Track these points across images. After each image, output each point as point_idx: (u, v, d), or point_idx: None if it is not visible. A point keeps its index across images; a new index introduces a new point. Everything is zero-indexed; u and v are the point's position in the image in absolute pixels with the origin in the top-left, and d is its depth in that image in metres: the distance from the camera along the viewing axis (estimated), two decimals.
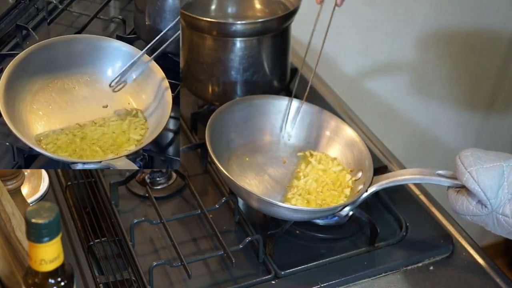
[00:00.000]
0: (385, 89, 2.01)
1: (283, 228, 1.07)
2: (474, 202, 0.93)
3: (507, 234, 0.94)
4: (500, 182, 0.91)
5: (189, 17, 1.25)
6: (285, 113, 1.20)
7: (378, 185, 1.06)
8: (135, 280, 0.99)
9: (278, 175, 1.15)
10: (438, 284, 1.02)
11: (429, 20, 1.94)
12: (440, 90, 2.10)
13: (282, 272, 1.02)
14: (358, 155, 1.14)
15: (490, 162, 0.92)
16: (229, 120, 1.17)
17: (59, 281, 0.75)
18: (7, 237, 0.90)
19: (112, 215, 1.10)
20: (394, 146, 1.42)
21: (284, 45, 1.31)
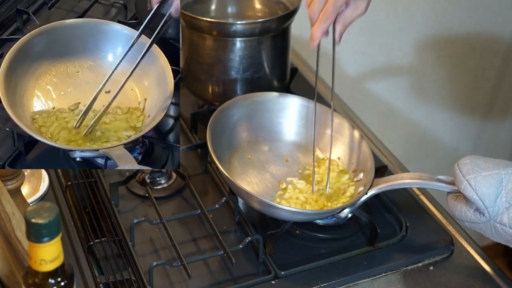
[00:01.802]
0: (385, 89, 2.01)
1: (283, 228, 1.07)
2: (472, 210, 0.93)
3: (506, 242, 0.93)
4: (498, 190, 0.90)
5: (189, 17, 1.25)
6: (289, 112, 1.20)
7: (377, 188, 1.06)
8: (135, 280, 0.99)
9: (280, 173, 1.15)
10: (438, 284, 1.02)
11: (429, 20, 1.94)
12: (440, 90, 2.10)
13: (282, 272, 1.02)
14: (360, 156, 1.14)
15: (488, 170, 0.91)
16: (231, 117, 1.17)
17: (59, 281, 0.75)
18: (7, 237, 0.90)
19: (112, 215, 1.10)
20: (394, 146, 1.42)
21: (284, 45, 1.31)
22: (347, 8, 1.05)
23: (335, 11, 1.03)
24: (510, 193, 0.90)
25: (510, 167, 0.92)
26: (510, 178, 0.90)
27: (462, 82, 2.11)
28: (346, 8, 1.05)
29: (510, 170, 0.91)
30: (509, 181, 0.90)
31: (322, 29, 1.04)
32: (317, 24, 1.04)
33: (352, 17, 1.06)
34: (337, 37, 1.07)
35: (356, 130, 1.17)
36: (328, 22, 1.04)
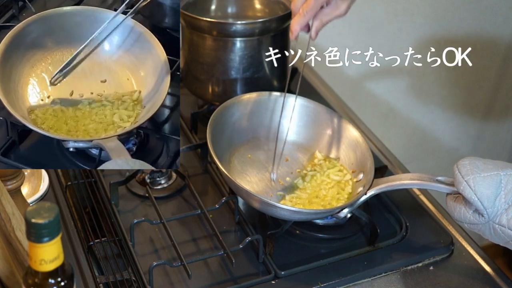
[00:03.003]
0: (385, 89, 2.01)
1: (283, 228, 1.07)
2: (471, 211, 0.93)
3: (504, 243, 0.93)
4: (497, 191, 0.90)
5: (189, 17, 1.25)
6: (288, 110, 1.20)
7: (377, 189, 1.06)
8: (135, 280, 0.99)
9: (279, 173, 1.15)
10: (438, 284, 1.02)
11: (429, 20, 1.94)
12: (439, 90, 2.10)
13: (282, 272, 1.02)
14: (360, 156, 1.14)
15: (487, 171, 0.91)
16: (231, 116, 1.17)
17: (59, 281, 0.75)
18: (7, 237, 0.90)
19: (112, 215, 1.10)
20: (394, 146, 1.42)
21: (284, 45, 1.31)
22: (328, 6, 1.08)
23: (315, 7, 1.06)
24: (509, 194, 0.90)
25: (509, 168, 0.92)
26: (509, 179, 0.90)
27: (462, 82, 2.11)
28: (327, 6, 1.08)
29: (509, 171, 0.91)
30: (508, 182, 0.90)
31: (301, 23, 1.07)
32: (296, 17, 1.08)
33: (331, 15, 1.08)
34: (313, 33, 1.10)
35: (356, 130, 1.17)
36: (307, 16, 1.07)
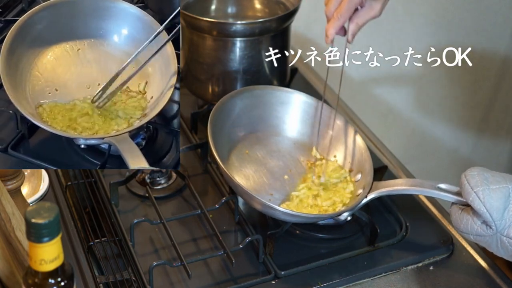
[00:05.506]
0: (385, 89, 2.01)
1: (283, 228, 1.07)
2: (479, 222, 0.93)
3: (510, 257, 0.93)
4: (506, 204, 0.90)
5: (189, 17, 1.25)
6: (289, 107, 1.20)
7: (377, 192, 1.06)
8: (135, 280, 0.99)
9: (277, 170, 1.15)
10: (438, 284, 1.02)
11: (429, 20, 1.94)
12: (439, 90, 2.10)
13: (282, 272, 1.02)
14: (359, 157, 1.14)
15: (496, 184, 0.92)
16: (231, 110, 1.16)
17: (59, 281, 0.75)
18: (7, 237, 0.90)
19: (112, 215, 1.10)
20: (394, 146, 1.42)
21: (284, 45, 1.31)
22: (362, 9, 1.07)
23: (349, 10, 1.06)
24: None
25: None
26: None
27: (462, 82, 2.11)
28: (361, 9, 1.07)
29: None
30: None
31: (335, 27, 1.06)
32: (331, 21, 1.07)
33: (366, 17, 1.08)
34: (350, 36, 1.09)
35: (354, 130, 1.17)
36: (341, 20, 1.06)
